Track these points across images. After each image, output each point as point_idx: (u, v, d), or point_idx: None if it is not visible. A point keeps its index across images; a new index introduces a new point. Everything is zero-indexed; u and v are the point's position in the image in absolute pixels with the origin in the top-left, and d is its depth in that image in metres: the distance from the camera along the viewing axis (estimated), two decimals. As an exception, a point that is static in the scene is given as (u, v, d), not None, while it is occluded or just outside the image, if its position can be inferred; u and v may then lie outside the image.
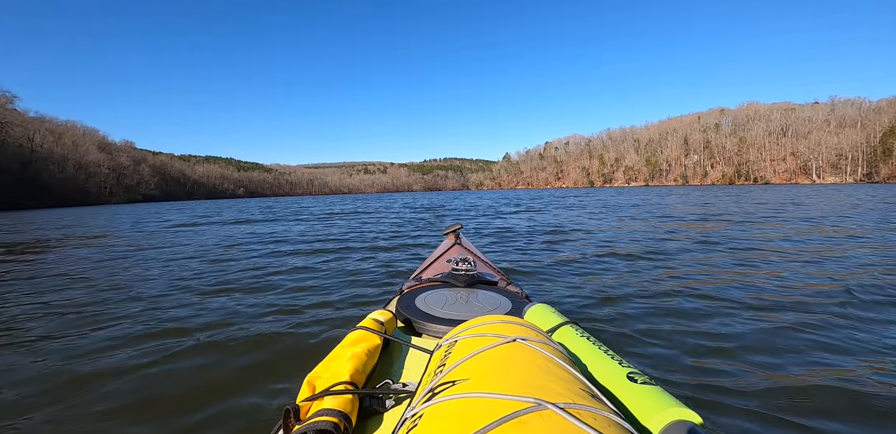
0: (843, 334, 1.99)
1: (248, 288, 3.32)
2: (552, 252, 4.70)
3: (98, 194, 79.50)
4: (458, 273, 1.60)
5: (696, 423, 0.56)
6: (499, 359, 0.57)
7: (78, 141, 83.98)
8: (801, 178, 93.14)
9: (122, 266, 4.60)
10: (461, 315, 1.20)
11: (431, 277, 1.66)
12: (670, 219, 8.55)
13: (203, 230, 9.09)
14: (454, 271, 1.62)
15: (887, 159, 78.07)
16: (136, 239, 7.54)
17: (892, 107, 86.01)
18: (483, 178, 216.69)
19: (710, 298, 2.64)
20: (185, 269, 4.24)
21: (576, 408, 0.43)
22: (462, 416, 0.44)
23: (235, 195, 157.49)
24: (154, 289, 3.38)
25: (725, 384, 1.53)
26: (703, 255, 4.18)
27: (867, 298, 2.55)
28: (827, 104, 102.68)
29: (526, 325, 0.72)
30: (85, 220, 14.43)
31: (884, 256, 3.86)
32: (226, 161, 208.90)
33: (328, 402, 0.67)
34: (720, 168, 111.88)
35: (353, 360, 0.80)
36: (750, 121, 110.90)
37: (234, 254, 5.27)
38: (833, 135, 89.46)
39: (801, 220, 7.35)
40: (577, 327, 0.91)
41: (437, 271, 1.87)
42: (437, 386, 0.54)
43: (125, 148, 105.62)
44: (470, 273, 1.59)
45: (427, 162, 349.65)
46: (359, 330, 0.95)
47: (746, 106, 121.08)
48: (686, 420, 0.56)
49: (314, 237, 6.99)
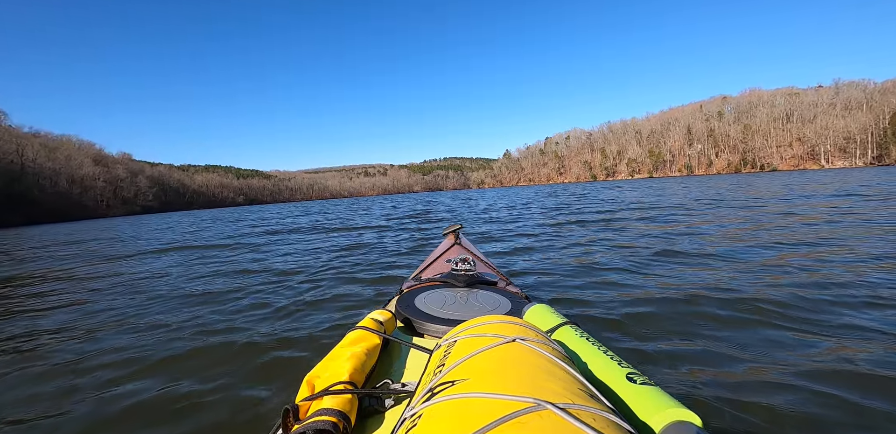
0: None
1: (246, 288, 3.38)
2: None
3: (95, 208, 78.64)
4: (458, 273, 1.61)
5: (696, 423, 0.56)
6: (498, 359, 0.57)
7: (73, 155, 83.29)
8: (809, 164, 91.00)
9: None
10: (461, 315, 1.20)
11: (431, 277, 1.67)
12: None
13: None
14: (454, 271, 1.63)
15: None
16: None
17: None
18: (484, 176, 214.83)
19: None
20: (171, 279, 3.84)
21: (575, 408, 0.43)
22: (461, 416, 0.44)
23: (235, 203, 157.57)
24: (146, 292, 3.46)
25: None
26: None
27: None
28: (831, 87, 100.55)
29: (525, 326, 0.72)
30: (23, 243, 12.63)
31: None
32: (225, 169, 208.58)
33: (327, 402, 0.67)
34: (725, 156, 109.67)
35: (353, 360, 0.80)
36: (753, 107, 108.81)
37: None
38: (840, 118, 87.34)
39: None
40: (576, 327, 0.92)
41: (436, 271, 1.88)
42: (437, 386, 0.54)
43: (122, 160, 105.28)
44: (469, 273, 1.60)
45: (427, 162, 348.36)
46: (358, 330, 0.95)
47: (749, 93, 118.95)
48: (685, 420, 0.56)
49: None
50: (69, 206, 67.24)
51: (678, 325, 2.09)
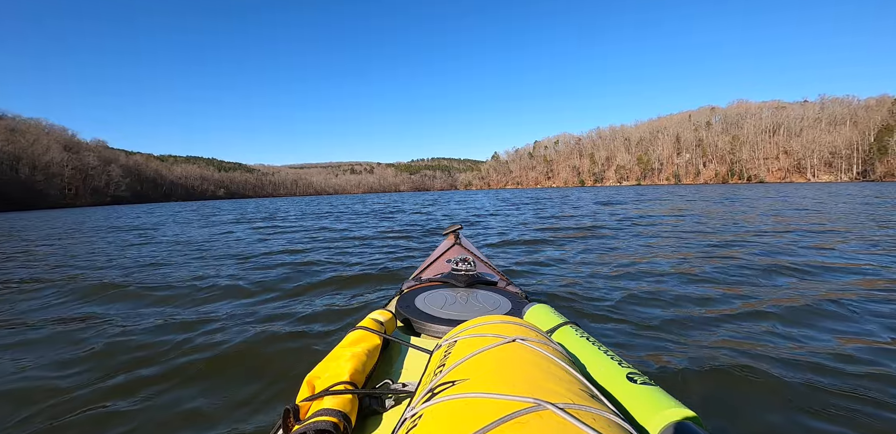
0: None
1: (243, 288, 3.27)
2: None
3: (59, 197, 74.08)
4: (458, 273, 1.60)
5: (696, 423, 0.56)
6: (498, 359, 0.57)
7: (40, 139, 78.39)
8: (795, 177, 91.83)
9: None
10: (461, 315, 1.20)
11: (431, 277, 1.67)
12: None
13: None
14: (454, 271, 1.62)
15: (883, 157, 76.67)
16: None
17: (881, 105, 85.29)
18: (472, 177, 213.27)
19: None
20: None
21: (575, 408, 0.43)
22: (461, 417, 0.44)
23: (216, 196, 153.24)
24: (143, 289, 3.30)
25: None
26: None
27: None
28: (817, 102, 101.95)
29: (525, 326, 0.72)
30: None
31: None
32: (207, 161, 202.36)
33: (328, 402, 0.67)
34: (713, 166, 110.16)
35: (353, 360, 0.80)
36: (741, 119, 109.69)
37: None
38: (826, 133, 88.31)
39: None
40: (576, 327, 0.92)
41: (436, 271, 1.88)
42: (437, 386, 0.54)
43: (94, 147, 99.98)
44: (470, 273, 1.60)
45: (414, 162, 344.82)
46: (358, 330, 0.95)
47: (737, 104, 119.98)
48: (685, 420, 0.56)
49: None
50: (27, 194, 62.86)
51: (684, 325, 2.12)
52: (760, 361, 1.65)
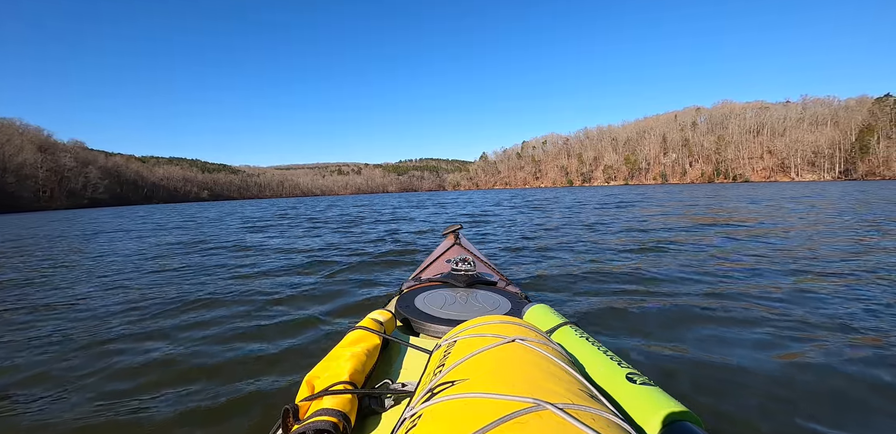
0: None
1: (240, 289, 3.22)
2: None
3: (32, 199, 71.22)
4: (458, 273, 1.60)
5: (696, 423, 0.56)
6: (498, 359, 0.57)
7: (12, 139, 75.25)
8: (779, 176, 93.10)
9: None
10: (460, 315, 1.20)
11: (431, 277, 1.66)
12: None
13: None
14: (454, 271, 1.62)
15: (864, 156, 78.11)
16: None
17: (861, 105, 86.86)
18: (460, 178, 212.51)
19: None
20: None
21: (575, 408, 0.43)
22: (461, 417, 0.44)
23: (199, 198, 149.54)
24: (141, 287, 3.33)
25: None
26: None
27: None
28: (799, 103, 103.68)
29: (525, 326, 0.72)
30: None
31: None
32: (190, 162, 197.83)
33: (327, 402, 0.67)
34: (699, 166, 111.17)
35: (353, 360, 0.80)
36: (726, 119, 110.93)
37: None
38: (809, 132, 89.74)
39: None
40: (576, 328, 0.91)
41: (436, 271, 1.87)
42: (437, 386, 0.53)
43: (72, 148, 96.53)
44: (469, 273, 1.59)
45: (402, 162, 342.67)
46: (358, 330, 0.94)
47: (721, 105, 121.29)
48: (685, 421, 0.56)
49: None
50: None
51: (681, 325, 2.12)
52: (760, 361, 1.65)
